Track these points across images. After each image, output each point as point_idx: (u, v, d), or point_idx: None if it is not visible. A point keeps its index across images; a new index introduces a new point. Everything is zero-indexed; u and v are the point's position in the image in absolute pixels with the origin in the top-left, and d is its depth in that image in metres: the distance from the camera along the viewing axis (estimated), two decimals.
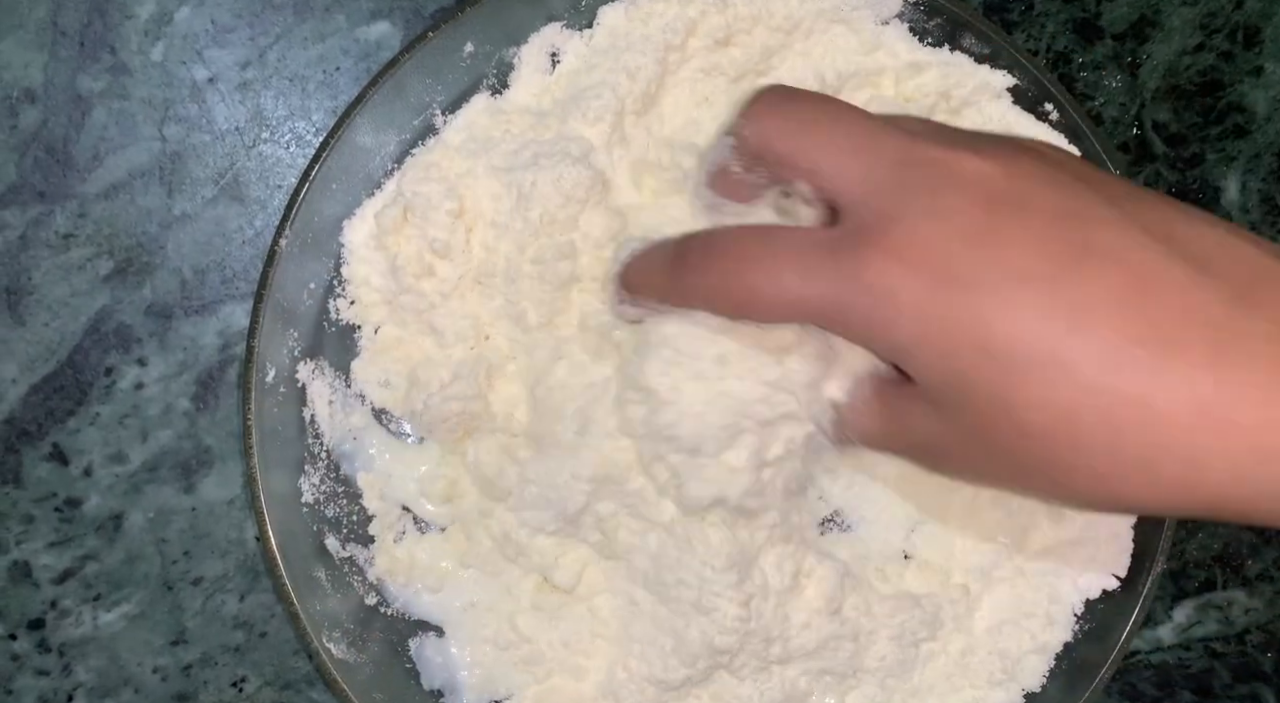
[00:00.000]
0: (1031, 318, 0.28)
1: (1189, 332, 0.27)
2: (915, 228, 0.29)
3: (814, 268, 0.31)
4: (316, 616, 0.44)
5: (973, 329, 0.28)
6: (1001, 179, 0.29)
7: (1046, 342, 0.27)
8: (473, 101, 0.47)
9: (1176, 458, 0.27)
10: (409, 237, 0.45)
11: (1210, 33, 0.54)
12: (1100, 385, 0.27)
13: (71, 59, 0.50)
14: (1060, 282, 0.28)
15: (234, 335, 0.50)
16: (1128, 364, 0.27)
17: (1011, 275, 0.28)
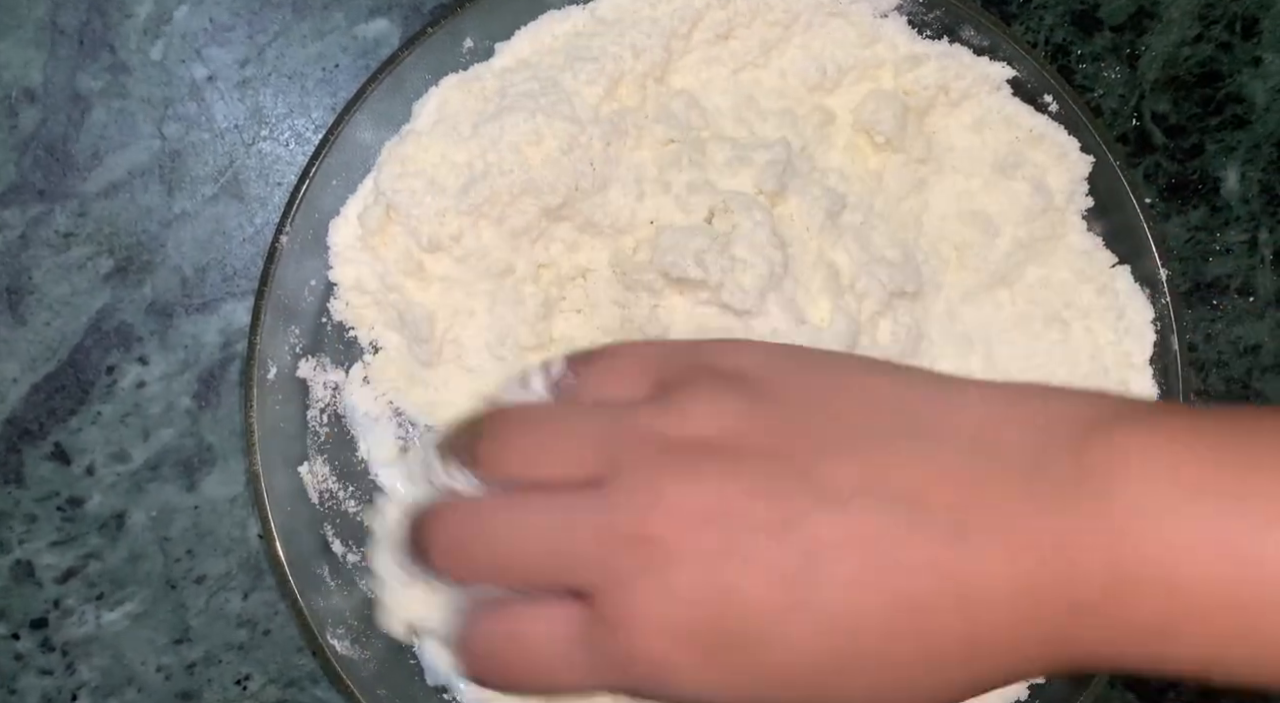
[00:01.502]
0: (807, 643, 0.28)
1: (930, 583, 0.28)
2: (657, 611, 0.28)
3: (582, 664, 0.30)
4: (320, 612, 0.44)
5: (762, 676, 0.29)
6: (701, 527, 0.28)
7: (830, 654, 0.28)
8: (442, 82, 0.46)
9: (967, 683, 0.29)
10: (394, 234, 0.45)
11: (1209, 24, 0.54)
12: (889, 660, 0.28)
13: (71, 58, 0.50)
14: (811, 597, 0.28)
15: (235, 333, 0.50)
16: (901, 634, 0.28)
17: (767, 618, 0.28)
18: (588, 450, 0.31)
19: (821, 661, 0.29)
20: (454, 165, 0.44)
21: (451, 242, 0.44)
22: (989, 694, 0.46)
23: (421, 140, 0.45)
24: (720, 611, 0.28)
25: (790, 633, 0.28)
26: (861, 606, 0.28)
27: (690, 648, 0.29)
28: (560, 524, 0.30)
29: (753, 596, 0.28)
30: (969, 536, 0.27)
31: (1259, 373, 0.54)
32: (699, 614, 0.28)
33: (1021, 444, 0.28)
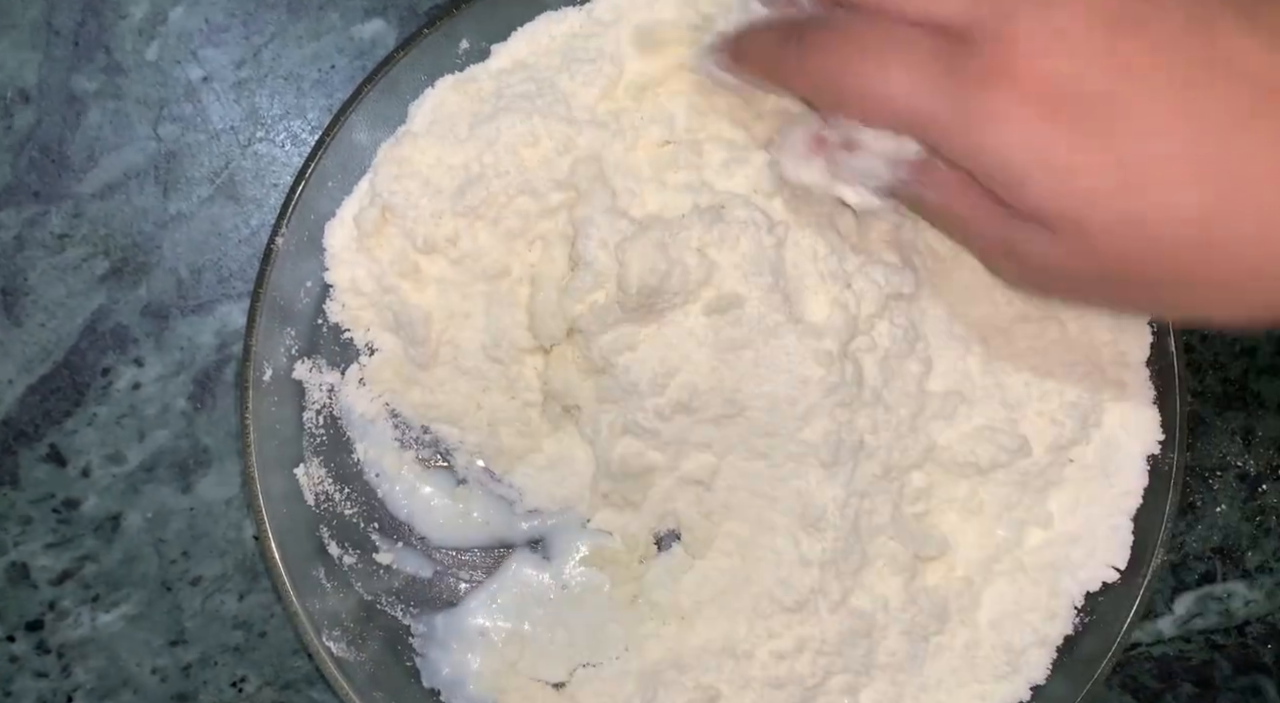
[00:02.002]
0: (1157, 133, 0.27)
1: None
2: (1031, 49, 0.28)
3: (928, 80, 0.30)
4: (316, 614, 0.44)
5: (1097, 146, 0.28)
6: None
7: (1176, 156, 0.27)
8: (438, 83, 0.46)
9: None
10: (390, 236, 0.45)
11: None
12: (1238, 194, 0.27)
13: (66, 59, 0.50)
14: (1188, 95, 0.27)
15: (231, 335, 0.50)
16: (1263, 180, 0.27)
17: (1134, 91, 0.27)
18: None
19: (1169, 166, 0.27)
20: (450, 167, 0.44)
21: (447, 243, 0.44)
22: (991, 696, 0.46)
23: (418, 142, 0.45)
24: (1095, 66, 0.27)
25: (1154, 120, 0.27)
26: (1239, 135, 0.27)
27: (1044, 99, 0.28)
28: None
29: (1135, 64, 0.27)
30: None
31: (1255, 375, 0.54)
32: (1074, 68, 0.28)
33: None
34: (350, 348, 0.47)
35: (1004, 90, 0.28)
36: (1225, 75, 0.27)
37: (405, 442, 0.47)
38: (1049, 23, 0.28)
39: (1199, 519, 0.54)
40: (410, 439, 0.47)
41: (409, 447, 0.47)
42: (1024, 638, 0.46)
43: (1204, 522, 0.54)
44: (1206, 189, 0.27)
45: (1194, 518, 0.54)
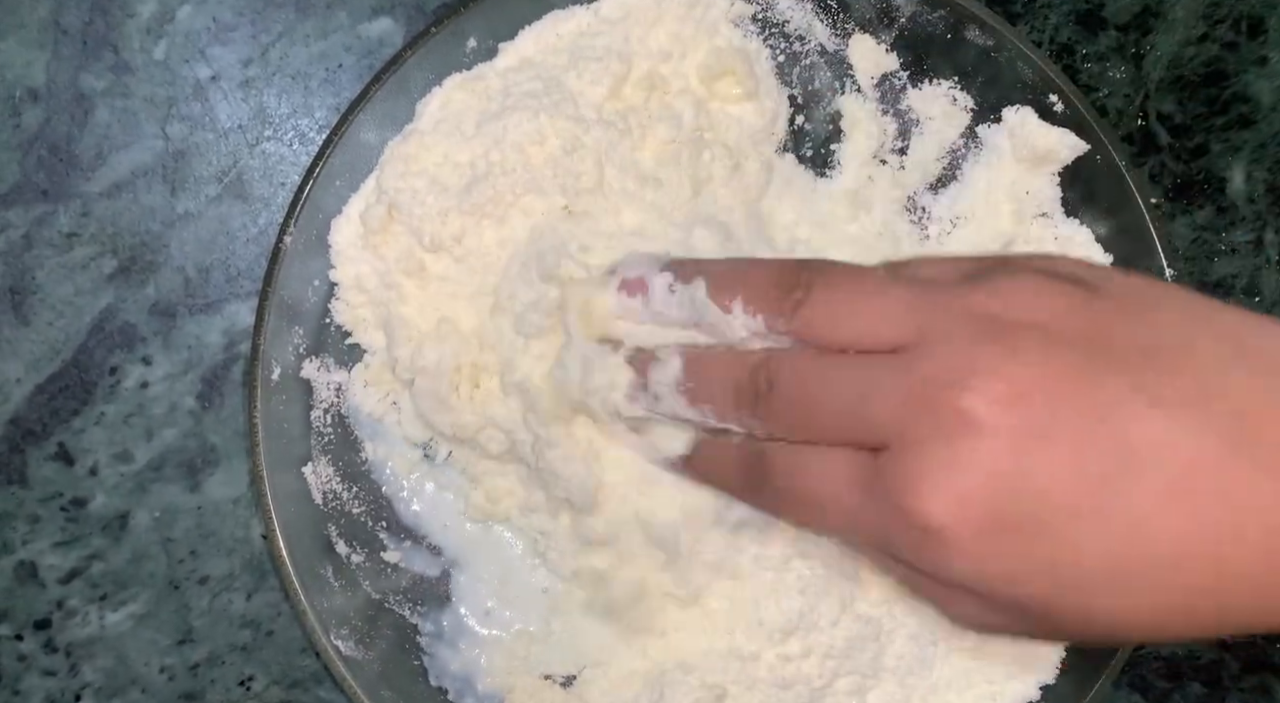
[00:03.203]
0: (1092, 544, 0.27)
1: (1239, 516, 0.27)
2: (945, 479, 0.28)
3: (852, 509, 0.31)
4: (324, 613, 0.44)
5: (1037, 563, 0.28)
6: (1010, 403, 0.28)
7: (1113, 561, 0.27)
8: (445, 82, 0.46)
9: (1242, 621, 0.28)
10: (396, 234, 0.45)
11: (1214, 23, 0.54)
12: (1173, 584, 0.27)
13: (74, 58, 0.50)
14: (1111, 501, 0.27)
15: (238, 334, 0.50)
16: (1192, 561, 0.27)
17: (1059, 509, 0.27)
18: (899, 316, 0.30)
19: (1105, 568, 0.27)
20: (456, 165, 0.44)
21: (453, 241, 0.44)
22: (1001, 696, 0.46)
23: (424, 140, 0.45)
24: (1014, 491, 0.27)
25: (1082, 533, 0.27)
26: (1164, 522, 0.27)
27: (970, 522, 0.28)
28: (864, 382, 0.30)
29: (1053, 484, 0.27)
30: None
31: None
32: (990, 490, 0.28)
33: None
34: (357, 347, 0.47)
35: (928, 521, 0.29)
36: (1133, 468, 0.27)
37: (413, 440, 0.47)
38: (953, 452, 0.28)
39: None
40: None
41: (417, 445, 0.47)
42: None
43: None
44: (1137, 580, 0.28)
45: None
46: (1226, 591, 0.27)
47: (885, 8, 0.48)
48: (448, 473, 0.47)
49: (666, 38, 0.46)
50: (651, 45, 0.46)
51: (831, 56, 0.49)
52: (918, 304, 0.30)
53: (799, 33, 0.49)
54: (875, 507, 0.30)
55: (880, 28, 0.49)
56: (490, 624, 0.47)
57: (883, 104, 0.50)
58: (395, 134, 0.46)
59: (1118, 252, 0.48)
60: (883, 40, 0.49)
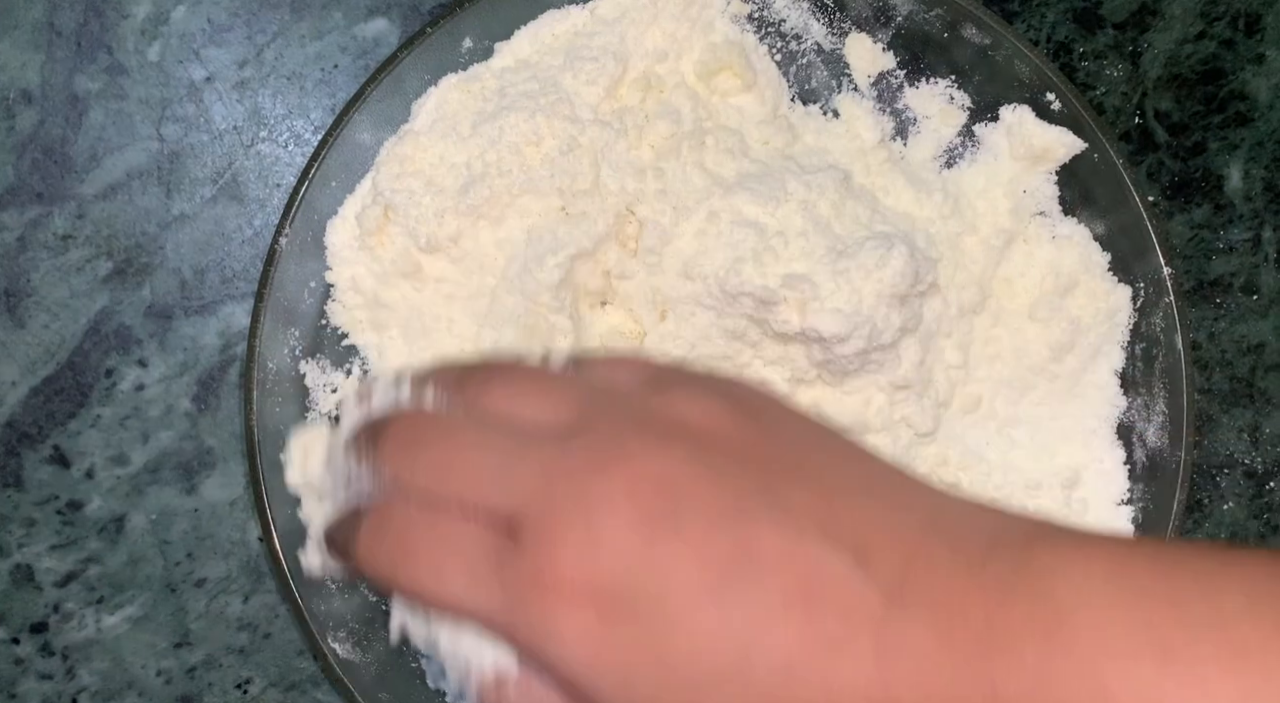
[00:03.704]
0: (709, 636, 0.28)
1: (853, 629, 0.27)
2: (576, 552, 0.28)
3: (481, 585, 0.30)
4: (321, 616, 0.44)
5: (651, 651, 0.28)
6: (651, 490, 0.28)
7: (725, 659, 0.28)
8: (441, 82, 0.46)
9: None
10: (393, 235, 0.45)
11: (1211, 20, 0.54)
12: (784, 695, 0.28)
13: (68, 60, 0.50)
14: (728, 595, 0.28)
15: (234, 335, 0.50)
16: (805, 672, 0.27)
17: (680, 594, 0.28)
18: (568, 402, 0.31)
19: (715, 671, 0.28)
20: (453, 165, 0.44)
21: (449, 242, 0.44)
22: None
23: (420, 140, 0.45)
24: (637, 574, 0.28)
25: (696, 626, 0.28)
26: (777, 628, 0.27)
27: (592, 603, 0.28)
28: (518, 449, 0.31)
29: (674, 572, 0.28)
30: (906, 601, 0.27)
31: (1263, 371, 0.54)
32: (615, 570, 0.28)
33: (976, 537, 0.28)
34: (354, 348, 0.47)
35: (557, 595, 0.29)
36: (756, 570, 0.28)
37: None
38: (590, 524, 0.28)
39: (1206, 517, 0.54)
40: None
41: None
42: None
43: (1211, 519, 0.54)
44: (750, 686, 0.28)
45: (1201, 516, 0.53)
46: (840, 696, 0.27)
47: (882, 6, 0.48)
48: None
49: (662, 37, 0.46)
50: (647, 45, 0.46)
51: (828, 55, 0.49)
52: (590, 398, 0.32)
53: (795, 31, 0.49)
54: (504, 574, 0.29)
55: (877, 26, 0.49)
56: None
57: (880, 103, 0.50)
58: (391, 135, 0.46)
59: (1115, 250, 0.48)
60: (879, 39, 0.49)
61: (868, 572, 0.28)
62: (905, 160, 0.49)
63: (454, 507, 0.31)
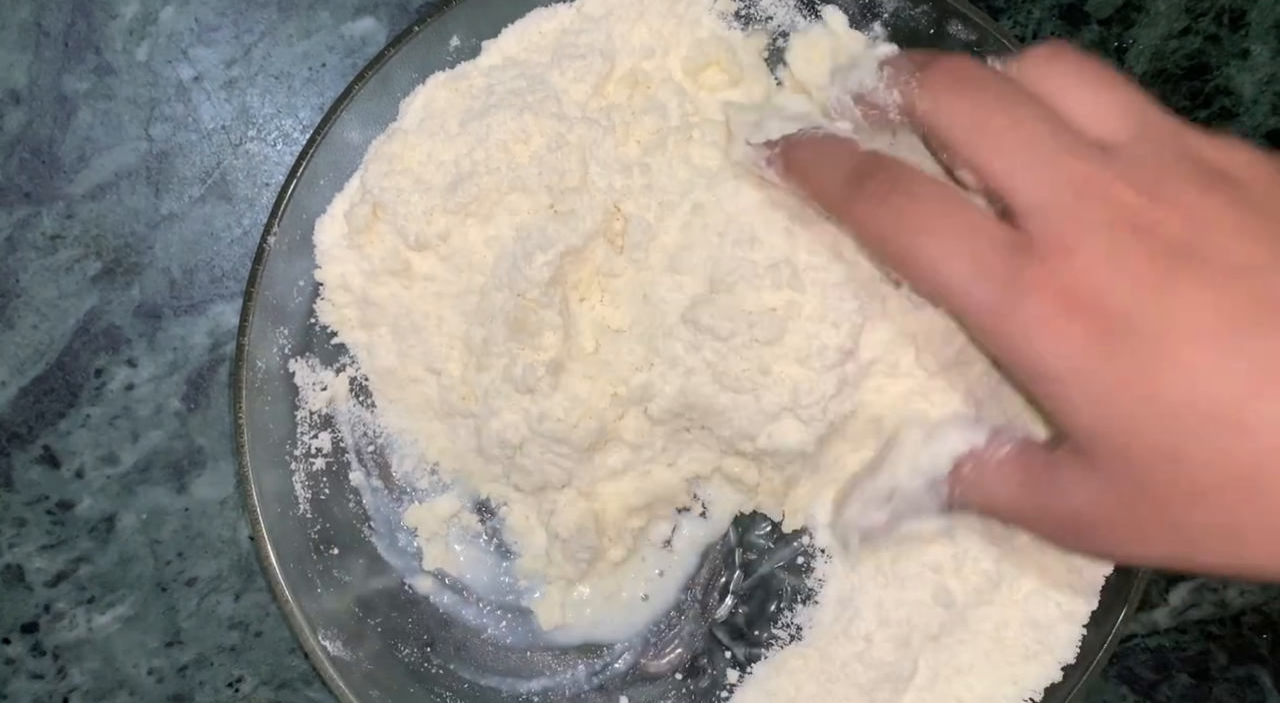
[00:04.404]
0: (1206, 377, 0.27)
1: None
2: (1089, 267, 0.28)
3: (985, 270, 0.30)
4: (312, 614, 0.44)
5: (1139, 380, 0.28)
6: (1181, 226, 0.28)
7: (1224, 403, 0.27)
8: (429, 80, 0.46)
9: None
10: (381, 233, 0.45)
11: (1196, 16, 0.54)
12: (1274, 445, 0.27)
13: (56, 60, 0.50)
14: (1238, 341, 0.27)
15: (224, 335, 0.50)
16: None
17: (1185, 332, 0.27)
18: (1123, 116, 0.30)
19: (1209, 408, 0.27)
20: (441, 164, 0.44)
21: (439, 240, 0.44)
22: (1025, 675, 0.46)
23: (408, 138, 0.45)
24: (1146, 299, 0.28)
25: (1196, 363, 0.27)
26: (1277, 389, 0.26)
27: (1094, 320, 0.28)
28: (1063, 143, 0.30)
29: (1185, 305, 0.27)
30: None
31: None
32: (1124, 297, 0.28)
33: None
34: (343, 347, 0.47)
35: (1057, 303, 0.29)
36: (1272, 323, 0.27)
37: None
38: (1112, 246, 0.28)
39: None
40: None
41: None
42: (1049, 613, 0.45)
43: None
44: (1257, 439, 0.27)
45: None
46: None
47: (868, 3, 0.48)
48: (430, 474, 0.47)
49: (649, 34, 0.46)
50: (634, 42, 0.46)
51: None
52: (1146, 111, 0.31)
53: (782, 29, 0.49)
54: (1012, 268, 0.29)
55: (863, 23, 0.49)
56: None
57: None
58: (379, 133, 0.46)
59: None
60: (866, 35, 0.49)
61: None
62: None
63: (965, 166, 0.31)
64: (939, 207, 0.31)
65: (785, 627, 0.47)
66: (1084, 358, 0.28)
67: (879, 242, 0.33)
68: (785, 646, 0.47)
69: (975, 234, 0.30)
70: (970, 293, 0.30)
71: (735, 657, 0.48)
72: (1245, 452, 0.27)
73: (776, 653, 0.47)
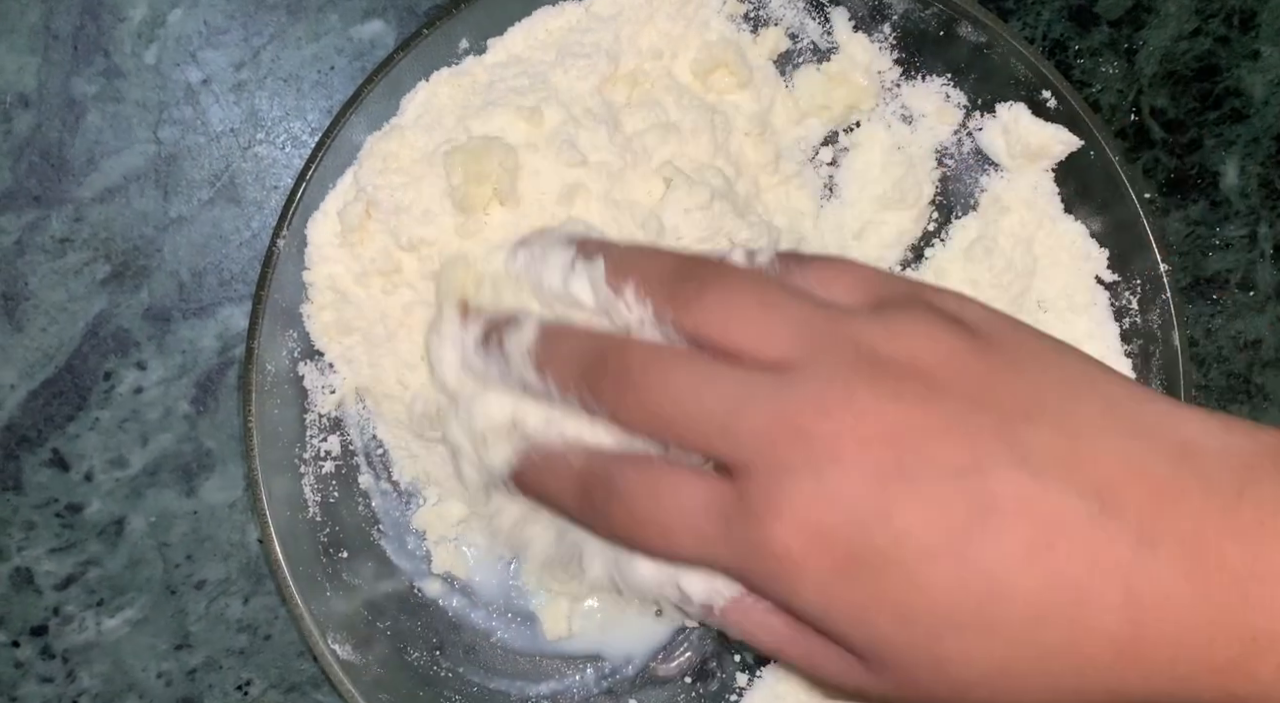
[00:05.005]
0: (949, 591, 0.27)
1: (1100, 574, 0.27)
2: (806, 508, 0.28)
3: (709, 537, 0.29)
4: (321, 617, 0.44)
5: (886, 602, 0.28)
6: (882, 442, 0.28)
7: (966, 607, 0.27)
8: (433, 76, 0.46)
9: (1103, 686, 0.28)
10: (373, 233, 0.44)
11: (1206, 17, 0.54)
12: (1028, 639, 0.27)
13: (65, 63, 0.50)
14: (969, 550, 0.27)
15: (232, 338, 0.50)
16: (1050, 617, 0.27)
17: (916, 553, 0.27)
18: (788, 331, 0.29)
19: (956, 618, 0.27)
20: (434, 161, 0.44)
21: (427, 244, 0.44)
22: None
23: (405, 136, 0.44)
24: (871, 529, 0.27)
25: (935, 578, 0.27)
26: (1020, 577, 0.27)
27: (826, 556, 0.27)
28: (739, 395, 0.29)
29: (910, 527, 0.27)
30: (1156, 543, 0.26)
31: (1260, 368, 0.54)
32: (848, 525, 0.27)
33: (1228, 467, 0.27)
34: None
35: (787, 555, 0.28)
36: (996, 520, 0.27)
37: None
38: (819, 481, 0.28)
39: None
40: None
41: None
42: None
43: None
44: (1003, 637, 0.27)
45: None
46: (1085, 655, 0.27)
47: (877, 5, 0.48)
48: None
49: (658, 36, 0.46)
50: (642, 43, 0.46)
51: (824, 54, 0.49)
52: (811, 326, 0.30)
53: (791, 31, 0.49)
54: (733, 533, 0.29)
55: (873, 25, 0.49)
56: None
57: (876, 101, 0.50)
58: None
59: (1112, 247, 0.48)
60: (875, 37, 0.49)
61: (1114, 514, 0.27)
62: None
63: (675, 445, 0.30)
64: (646, 491, 0.30)
65: None
66: (833, 592, 0.28)
67: (624, 545, 0.32)
68: None
69: (689, 508, 0.30)
70: (705, 559, 0.30)
71: (744, 660, 0.47)
72: (997, 649, 0.27)
73: None
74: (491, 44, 0.46)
